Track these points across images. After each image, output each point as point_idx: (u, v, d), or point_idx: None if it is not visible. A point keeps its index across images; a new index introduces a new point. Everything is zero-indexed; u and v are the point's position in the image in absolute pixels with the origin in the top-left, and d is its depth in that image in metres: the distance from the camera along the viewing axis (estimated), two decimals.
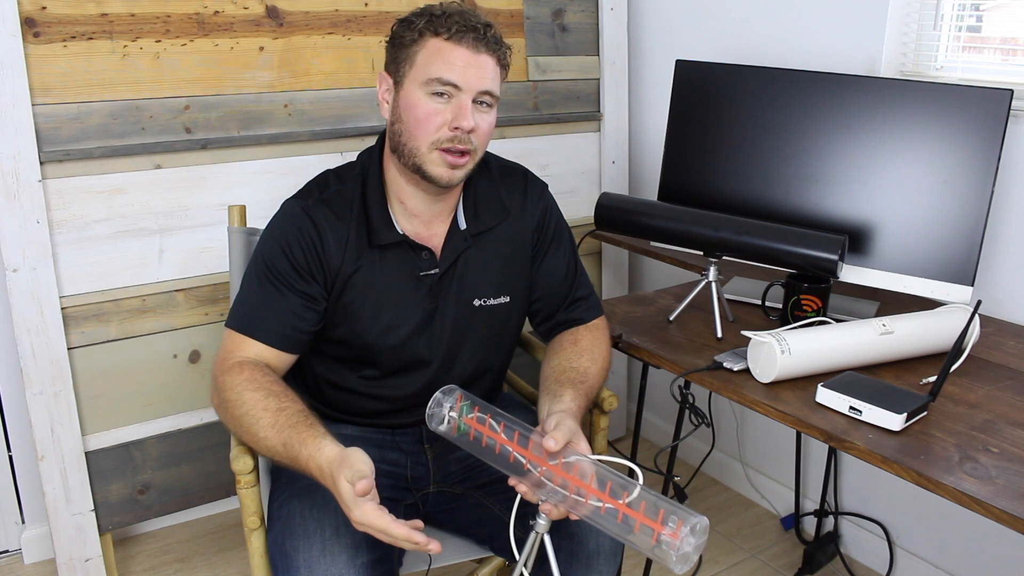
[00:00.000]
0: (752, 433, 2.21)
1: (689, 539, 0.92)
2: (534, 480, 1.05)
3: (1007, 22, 1.66)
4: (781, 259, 1.40)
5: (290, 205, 1.23)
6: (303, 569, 1.10)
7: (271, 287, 1.20)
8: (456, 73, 1.13)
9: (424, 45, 1.15)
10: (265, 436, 1.09)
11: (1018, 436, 1.13)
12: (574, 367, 1.26)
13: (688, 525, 0.92)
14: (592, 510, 1.00)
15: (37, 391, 1.64)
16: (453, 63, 1.13)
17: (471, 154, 1.18)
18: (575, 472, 1.02)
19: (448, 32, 1.13)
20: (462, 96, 1.14)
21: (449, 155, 1.15)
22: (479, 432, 1.09)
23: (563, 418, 1.09)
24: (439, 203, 1.25)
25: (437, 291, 1.26)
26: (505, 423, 1.08)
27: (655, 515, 0.94)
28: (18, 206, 1.56)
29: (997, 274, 1.62)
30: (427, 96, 1.15)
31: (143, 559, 1.98)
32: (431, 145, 1.15)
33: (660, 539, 0.93)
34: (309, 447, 1.04)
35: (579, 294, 1.37)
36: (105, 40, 1.61)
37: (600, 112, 2.23)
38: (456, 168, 1.17)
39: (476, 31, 1.14)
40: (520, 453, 1.06)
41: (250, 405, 1.11)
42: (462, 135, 1.15)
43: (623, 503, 0.97)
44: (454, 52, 1.13)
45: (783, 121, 1.57)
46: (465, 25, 1.14)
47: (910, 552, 1.88)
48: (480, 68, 1.14)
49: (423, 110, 1.15)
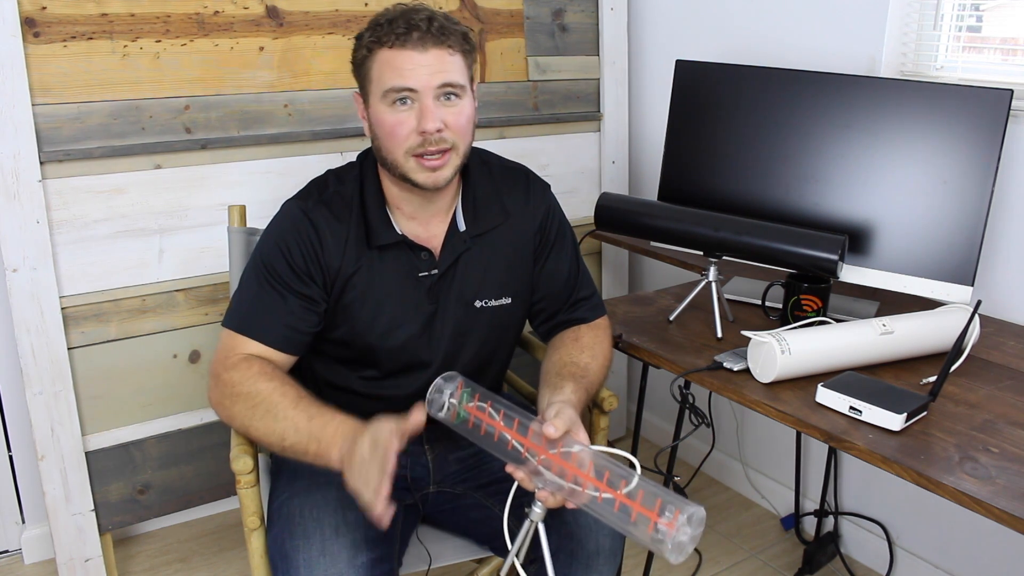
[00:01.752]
0: (752, 433, 2.21)
1: (685, 528, 0.92)
2: (531, 468, 1.05)
3: (1007, 22, 1.66)
4: (781, 259, 1.40)
5: (289, 206, 1.23)
6: (303, 569, 1.10)
7: (270, 289, 1.20)
8: (407, 78, 1.12)
9: (375, 59, 1.14)
10: (286, 416, 1.10)
11: (1018, 436, 1.13)
12: (575, 362, 1.26)
13: (685, 514, 0.92)
14: (589, 499, 0.99)
15: (37, 391, 1.64)
16: (402, 69, 1.12)
17: (451, 151, 1.16)
18: (573, 461, 1.02)
19: (391, 39, 1.12)
20: (421, 98, 1.13)
21: (426, 159, 1.15)
22: (478, 419, 1.09)
23: (563, 407, 1.10)
24: (434, 204, 1.24)
25: (437, 292, 1.26)
26: (505, 411, 1.08)
27: (652, 504, 0.94)
28: (18, 206, 1.56)
29: (997, 274, 1.62)
30: (389, 108, 1.14)
31: (143, 559, 1.98)
32: (406, 154, 1.15)
33: (657, 528, 0.93)
34: (338, 417, 1.08)
35: (581, 294, 1.37)
36: (105, 40, 1.61)
37: (600, 112, 2.23)
38: (437, 170, 1.16)
39: (419, 28, 1.12)
40: (519, 440, 1.06)
41: (267, 393, 1.12)
42: (432, 136, 1.13)
43: (620, 492, 0.97)
44: (400, 57, 1.12)
45: (783, 121, 1.57)
46: (407, 26, 1.12)
47: (910, 552, 1.88)
48: (430, 65, 1.12)
49: (388, 122, 1.14)
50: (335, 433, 1.07)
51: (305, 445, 1.08)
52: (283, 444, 1.10)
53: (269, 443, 1.12)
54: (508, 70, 2.06)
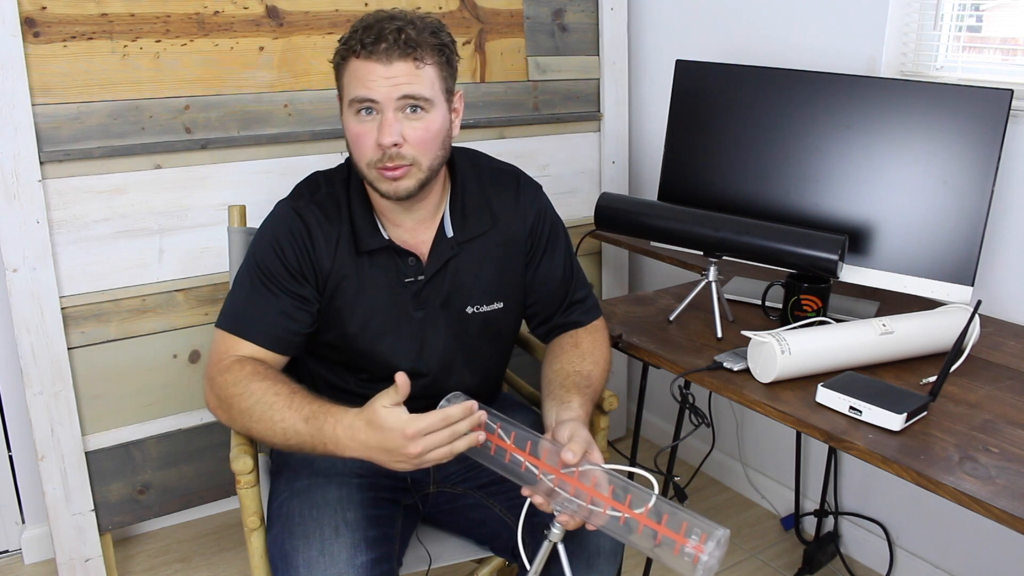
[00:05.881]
0: (752, 433, 2.21)
1: (715, 553, 0.93)
2: (547, 489, 1.04)
3: (1007, 22, 1.66)
4: (781, 259, 1.40)
5: (282, 206, 1.23)
6: (303, 569, 1.10)
7: (263, 288, 1.19)
8: (369, 89, 1.11)
9: (347, 67, 1.14)
10: (282, 417, 1.09)
11: (1018, 436, 1.13)
12: (578, 371, 1.26)
13: (713, 539, 0.93)
14: (609, 520, 1.00)
15: (37, 391, 1.64)
16: (366, 79, 1.11)
17: (412, 166, 1.14)
18: (591, 483, 1.02)
19: (360, 48, 1.11)
20: (383, 110, 1.12)
21: (385, 171, 1.14)
22: (488, 441, 1.08)
23: (577, 428, 1.10)
24: (415, 211, 1.23)
25: (424, 298, 1.25)
26: (516, 432, 1.07)
27: (678, 527, 0.95)
28: (18, 206, 1.56)
29: (997, 274, 1.62)
30: (355, 117, 1.14)
31: (143, 559, 1.98)
32: (368, 165, 1.15)
33: (683, 551, 0.94)
34: (335, 414, 1.07)
35: (576, 296, 1.36)
36: (105, 40, 1.61)
37: (600, 112, 2.23)
38: (397, 180, 1.14)
39: (387, 40, 1.10)
40: (533, 463, 1.05)
41: (260, 393, 1.11)
42: (390, 151, 1.12)
43: (642, 514, 0.97)
44: (365, 67, 1.11)
45: (783, 121, 1.57)
46: (377, 37, 1.10)
47: (910, 552, 1.88)
48: (393, 77, 1.11)
49: (353, 132, 1.14)
50: (335, 436, 1.06)
51: (311, 446, 1.08)
52: (288, 443, 1.10)
53: (273, 442, 1.12)
54: (508, 70, 2.06)
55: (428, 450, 1.02)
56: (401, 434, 1.01)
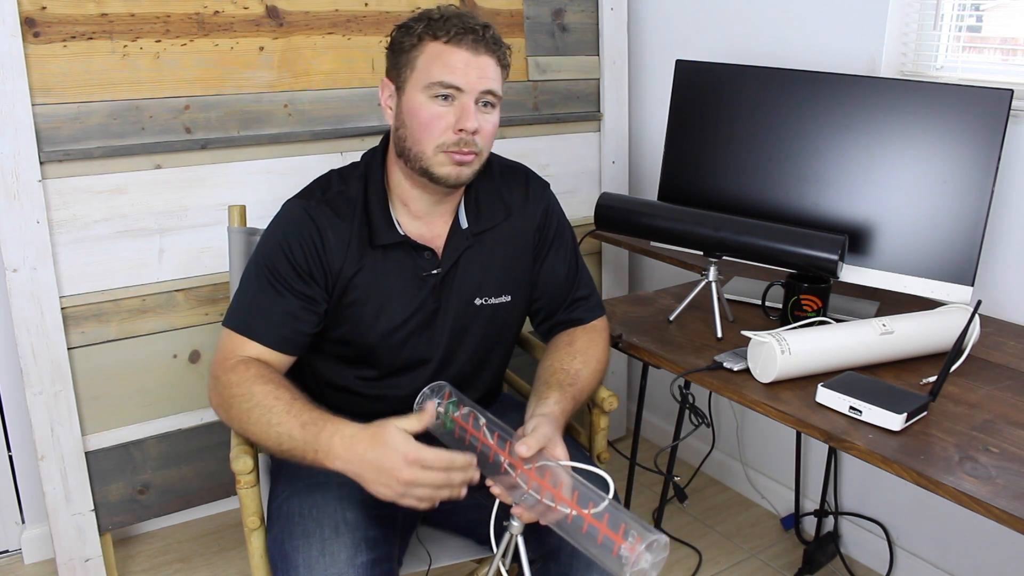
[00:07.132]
0: (752, 433, 2.21)
1: (646, 556, 0.93)
2: (509, 482, 1.06)
3: (1007, 22, 1.66)
4: (781, 259, 1.40)
5: (292, 205, 1.23)
6: (303, 569, 1.10)
7: (271, 288, 1.20)
8: (457, 75, 1.14)
9: (424, 50, 1.15)
10: (279, 421, 1.09)
11: (1018, 436, 1.13)
12: (565, 369, 1.26)
13: (645, 542, 0.93)
14: (560, 517, 1.00)
15: (37, 391, 1.64)
16: (453, 66, 1.14)
17: (477, 155, 1.18)
18: (547, 478, 1.03)
19: (447, 35, 1.14)
20: (464, 98, 1.15)
21: (456, 154, 1.16)
22: (463, 430, 1.10)
23: (540, 423, 1.11)
24: (443, 204, 1.25)
25: (440, 291, 1.26)
26: (488, 423, 1.09)
27: (616, 528, 0.95)
28: (18, 206, 1.56)
29: (997, 274, 1.62)
30: (429, 100, 1.15)
31: (143, 559, 1.98)
32: (436, 148, 1.16)
33: (619, 552, 0.94)
34: (335, 423, 1.07)
35: (580, 294, 1.37)
36: (105, 40, 1.61)
37: (600, 112, 2.23)
38: (463, 166, 1.17)
39: (475, 32, 1.14)
40: (499, 454, 1.06)
41: (261, 396, 1.11)
42: (466, 137, 1.15)
43: (588, 513, 0.97)
44: (454, 55, 1.14)
45: (783, 121, 1.57)
46: (464, 27, 1.14)
47: (910, 552, 1.88)
48: (481, 69, 1.15)
49: (427, 114, 1.15)
50: (329, 444, 1.06)
51: (302, 453, 1.08)
52: (280, 448, 1.10)
53: (267, 447, 1.12)
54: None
55: (416, 483, 1.03)
56: (402, 456, 1.02)
